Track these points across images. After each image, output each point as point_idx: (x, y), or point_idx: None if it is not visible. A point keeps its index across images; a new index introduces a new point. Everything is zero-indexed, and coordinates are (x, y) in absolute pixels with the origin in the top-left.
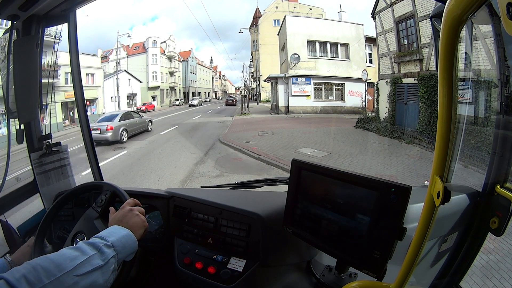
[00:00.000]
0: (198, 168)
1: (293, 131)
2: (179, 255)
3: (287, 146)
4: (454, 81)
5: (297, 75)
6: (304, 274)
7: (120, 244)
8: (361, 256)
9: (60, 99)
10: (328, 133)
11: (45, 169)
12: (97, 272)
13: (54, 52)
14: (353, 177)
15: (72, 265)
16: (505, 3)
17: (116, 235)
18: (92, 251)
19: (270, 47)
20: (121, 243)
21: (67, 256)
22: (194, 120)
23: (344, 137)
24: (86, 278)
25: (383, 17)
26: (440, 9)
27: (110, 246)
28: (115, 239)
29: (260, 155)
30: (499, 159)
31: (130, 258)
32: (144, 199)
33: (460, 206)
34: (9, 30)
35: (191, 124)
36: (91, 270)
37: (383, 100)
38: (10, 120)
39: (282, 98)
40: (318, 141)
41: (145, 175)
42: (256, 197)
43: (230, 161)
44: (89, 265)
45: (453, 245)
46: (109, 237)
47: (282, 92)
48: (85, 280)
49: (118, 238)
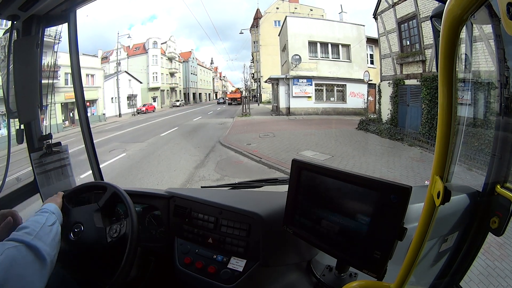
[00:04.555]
0: (198, 171)
1: (294, 133)
2: (179, 255)
3: (289, 148)
4: (454, 81)
5: (298, 76)
6: (304, 274)
7: (57, 212)
8: (361, 256)
9: (60, 100)
10: (330, 135)
11: (45, 169)
12: (56, 224)
13: (54, 53)
14: (354, 177)
15: (43, 220)
16: (505, 3)
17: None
18: (46, 213)
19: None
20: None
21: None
22: (194, 122)
23: (346, 139)
24: (54, 228)
25: (385, 18)
26: (440, 9)
27: (52, 212)
28: (53, 208)
29: (261, 158)
30: (499, 159)
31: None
32: (145, 199)
33: (460, 206)
34: (9, 30)
35: (192, 126)
36: (54, 222)
37: (385, 101)
38: (10, 120)
39: (283, 99)
40: (320, 143)
41: (144, 179)
42: (256, 197)
43: (231, 164)
44: (52, 219)
45: (453, 245)
46: (49, 207)
47: (283, 93)
48: (54, 229)
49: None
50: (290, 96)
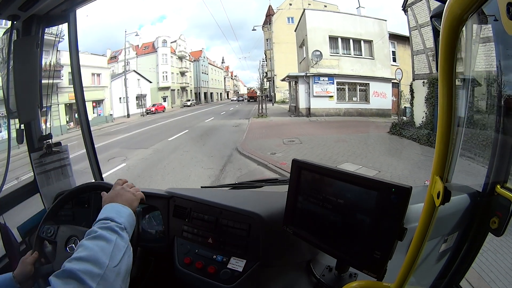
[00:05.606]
0: None
1: (323, 138)
2: (179, 255)
3: (323, 159)
4: (454, 81)
5: (319, 74)
6: (304, 274)
7: (128, 225)
8: (361, 256)
9: (64, 100)
10: (363, 142)
11: (45, 169)
12: (126, 255)
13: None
14: (354, 177)
15: (107, 257)
16: (505, 3)
17: (123, 215)
18: (112, 235)
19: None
20: (129, 223)
21: (98, 249)
22: (206, 123)
23: (383, 147)
24: (122, 264)
25: (417, 10)
26: (440, 9)
27: (123, 228)
28: (125, 220)
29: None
30: (499, 159)
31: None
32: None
33: (460, 206)
34: (9, 30)
35: (203, 128)
36: (122, 255)
37: (419, 103)
38: (10, 120)
39: (303, 99)
40: (357, 152)
41: None
42: (256, 197)
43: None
44: (118, 250)
45: (453, 245)
46: (119, 218)
47: (303, 93)
48: (122, 266)
49: (126, 219)
50: (311, 95)
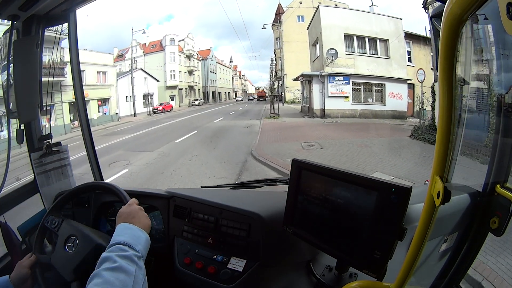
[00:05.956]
0: None
1: (344, 143)
2: (179, 255)
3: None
4: (454, 81)
5: (334, 74)
6: (304, 274)
7: (145, 253)
8: (361, 256)
9: (68, 99)
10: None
11: (45, 169)
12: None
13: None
14: (354, 177)
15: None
16: (505, 3)
17: (141, 242)
18: (132, 266)
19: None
20: (145, 250)
21: (120, 285)
22: (215, 124)
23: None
24: None
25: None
26: (440, 9)
27: (140, 256)
28: (142, 248)
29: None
30: (499, 159)
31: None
32: (144, 199)
33: (460, 206)
34: (9, 30)
35: (213, 129)
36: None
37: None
38: (11, 120)
39: (318, 99)
40: (384, 160)
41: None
42: (257, 197)
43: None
44: (137, 284)
45: (453, 245)
46: (137, 245)
47: (317, 93)
48: None
49: (143, 246)
50: (325, 96)
